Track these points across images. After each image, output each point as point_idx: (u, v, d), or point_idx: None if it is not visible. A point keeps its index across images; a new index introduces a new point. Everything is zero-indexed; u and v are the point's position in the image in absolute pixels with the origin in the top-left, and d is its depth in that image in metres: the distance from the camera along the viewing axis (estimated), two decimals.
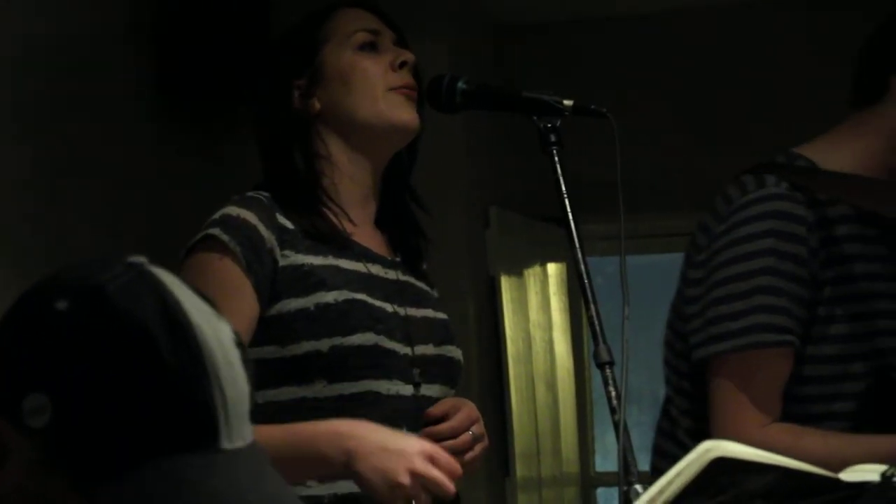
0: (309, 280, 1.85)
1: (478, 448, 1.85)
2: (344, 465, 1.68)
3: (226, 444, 0.95)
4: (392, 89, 1.91)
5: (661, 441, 2.09)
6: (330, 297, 1.84)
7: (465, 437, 1.83)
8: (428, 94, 1.88)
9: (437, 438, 1.82)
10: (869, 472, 1.30)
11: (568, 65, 4.77)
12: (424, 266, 2.02)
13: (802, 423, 1.98)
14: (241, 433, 0.96)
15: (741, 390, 1.95)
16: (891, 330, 2.03)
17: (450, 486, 1.66)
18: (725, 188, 2.04)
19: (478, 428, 1.85)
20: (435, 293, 2.03)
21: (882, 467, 1.31)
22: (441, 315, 1.96)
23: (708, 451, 1.19)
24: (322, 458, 1.70)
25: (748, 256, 1.96)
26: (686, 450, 2.03)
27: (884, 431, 1.95)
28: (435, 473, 1.65)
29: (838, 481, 1.29)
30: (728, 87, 4.63)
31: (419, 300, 1.95)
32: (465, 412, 1.85)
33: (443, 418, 1.85)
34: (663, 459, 2.04)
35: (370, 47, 1.93)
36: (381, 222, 1.98)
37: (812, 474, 1.27)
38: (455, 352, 1.94)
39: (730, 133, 2.17)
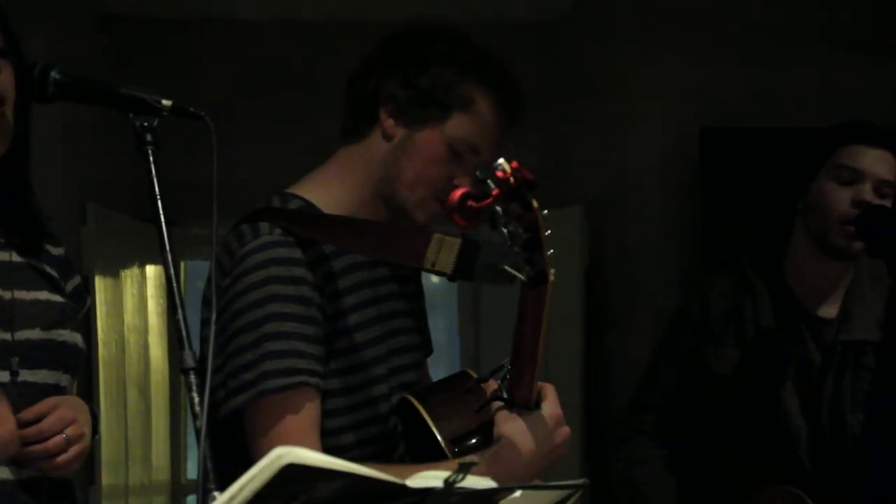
0: None
1: (72, 450, 1.82)
2: None
3: None
4: None
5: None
6: None
7: (57, 440, 1.80)
8: (18, 81, 1.82)
9: (25, 443, 1.79)
10: (433, 479, 1.36)
11: (180, 63, 4.71)
12: (58, 248, 1.98)
13: (339, 452, 1.98)
14: None
15: (272, 437, 1.95)
16: (378, 358, 2.08)
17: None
18: (227, 239, 2.05)
19: (74, 430, 1.82)
20: (78, 277, 2.00)
21: (445, 473, 1.37)
22: (58, 298, 1.92)
23: (280, 457, 1.21)
24: None
25: (253, 306, 1.97)
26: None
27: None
28: None
29: (405, 487, 1.34)
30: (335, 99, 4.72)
31: (33, 282, 1.90)
32: (58, 414, 1.81)
33: (36, 421, 1.80)
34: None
35: None
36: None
37: (380, 480, 1.31)
38: (70, 336, 1.90)
39: (332, 143, 2.21)
